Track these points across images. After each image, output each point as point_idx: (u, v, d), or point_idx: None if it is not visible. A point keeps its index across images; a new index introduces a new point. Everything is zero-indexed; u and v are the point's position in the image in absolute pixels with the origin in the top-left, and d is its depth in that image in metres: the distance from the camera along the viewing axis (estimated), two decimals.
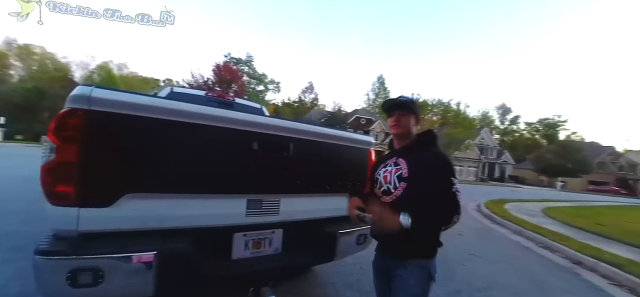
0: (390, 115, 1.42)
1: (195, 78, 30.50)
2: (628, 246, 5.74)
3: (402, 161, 1.34)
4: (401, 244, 1.27)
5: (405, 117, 1.38)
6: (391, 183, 1.33)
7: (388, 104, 1.43)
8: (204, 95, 4.17)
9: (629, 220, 9.99)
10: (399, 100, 1.41)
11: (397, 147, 1.44)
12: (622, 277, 3.96)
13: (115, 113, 1.29)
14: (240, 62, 43.97)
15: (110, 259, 1.23)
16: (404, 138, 1.41)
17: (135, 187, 1.37)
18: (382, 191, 1.38)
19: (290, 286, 2.69)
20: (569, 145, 45.23)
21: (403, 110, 1.38)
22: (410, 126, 1.38)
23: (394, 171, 1.34)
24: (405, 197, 1.27)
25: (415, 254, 1.29)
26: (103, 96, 1.27)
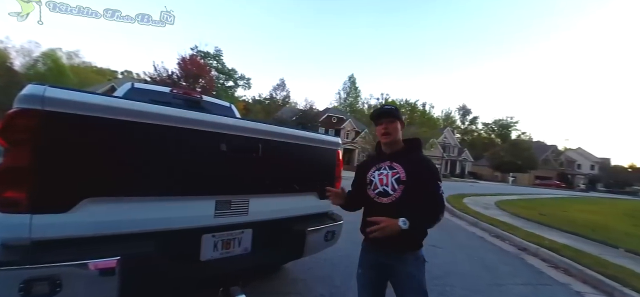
0: (378, 123, 1.53)
1: (158, 71, 28.50)
2: (564, 233, 6.53)
3: (398, 166, 1.46)
4: (400, 242, 1.40)
5: (393, 125, 1.51)
6: (388, 185, 1.45)
7: (376, 113, 1.55)
8: (169, 92, 3.98)
9: (565, 210, 11.35)
10: (385, 110, 1.54)
11: (386, 151, 1.55)
12: (557, 260, 4.51)
13: (72, 114, 1.23)
14: (208, 56, 41.98)
15: (68, 266, 1.17)
16: (393, 143, 1.53)
17: (95, 191, 1.31)
18: (378, 193, 1.48)
19: (260, 284, 2.71)
20: (519, 144, 49.76)
21: (390, 118, 1.51)
22: (397, 132, 1.52)
23: (391, 174, 1.46)
24: (403, 199, 1.41)
25: (411, 248, 1.46)
26: (58, 96, 1.20)
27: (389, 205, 1.42)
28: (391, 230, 1.32)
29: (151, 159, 1.47)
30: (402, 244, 1.42)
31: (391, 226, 1.32)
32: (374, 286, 1.53)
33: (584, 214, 10.63)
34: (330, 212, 2.42)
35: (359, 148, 40.88)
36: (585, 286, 3.74)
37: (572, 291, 3.59)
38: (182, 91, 4.19)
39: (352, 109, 59.87)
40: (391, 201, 1.43)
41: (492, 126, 69.98)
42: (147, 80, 28.09)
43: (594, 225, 7.97)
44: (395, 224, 1.31)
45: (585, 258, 4.46)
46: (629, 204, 18.72)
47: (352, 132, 43.04)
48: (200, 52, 40.47)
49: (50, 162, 1.21)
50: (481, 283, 3.51)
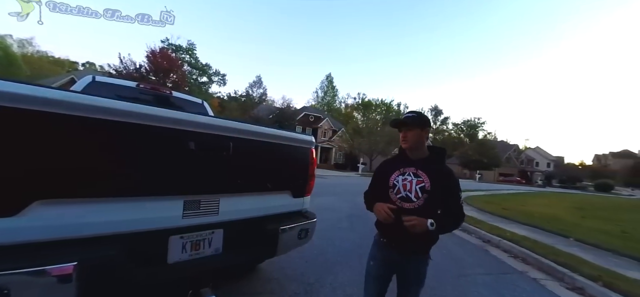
0: (399, 131, 1.63)
1: (124, 64, 26.72)
2: (523, 225, 7.05)
3: (423, 174, 1.52)
4: (418, 244, 1.55)
5: (411, 132, 1.58)
6: (412, 192, 1.51)
7: (394, 123, 1.65)
8: (136, 87, 3.76)
9: (524, 204, 12.24)
10: (403, 119, 1.61)
11: (411, 157, 1.61)
12: (517, 250, 4.87)
13: (20, 109, 1.12)
14: (180, 50, 40.05)
15: (17, 274, 1.07)
16: (415, 150, 1.60)
17: (48, 192, 1.21)
18: (401, 198, 1.53)
19: (233, 285, 2.66)
20: (485, 143, 52.93)
21: (408, 126, 1.58)
22: (417, 139, 1.58)
23: (416, 182, 1.52)
24: (425, 207, 1.48)
25: (425, 251, 1.61)
26: (4, 89, 1.09)
27: (411, 210, 1.49)
28: (420, 228, 1.41)
29: (112, 158, 1.38)
30: (419, 246, 1.56)
31: (421, 225, 1.41)
32: (383, 279, 1.66)
33: (540, 207, 11.54)
34: (303, 210, 2.43)
35: (335, 147, 41.24)
36: (541, 273, 4.08)
37: (529, 278, 3.89)
38: (150, 86, 3.97)
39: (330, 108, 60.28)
40: (414, 207, 1.49)
41: (461, 126, 73.67)
42: (111, 73, 26.19)
43: (549, 217, 8.69)
44: (424, 224, 1.41)
45: (541, 248, 4.86)
46: (579, 198, 20.65)
47: (329, 131, 43.32)
48: (171, 45, 38.54)
49: None
50: (448, 274, 3.70)
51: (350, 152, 39.25)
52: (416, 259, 1.59)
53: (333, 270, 3.38)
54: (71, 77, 27.41)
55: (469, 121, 72.10)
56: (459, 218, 1.54)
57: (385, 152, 33.19)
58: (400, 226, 1.45)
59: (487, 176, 48.99)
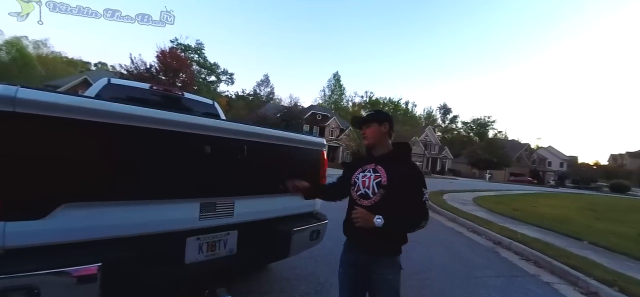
0: (360, 129, 1.62)
1: (135, 64, 27.23)
2: (534, 227, 6.93)
3: (381, 169, 1.48)
4: (378, 243, 1.45)
5: (370, 128, 1.56)
6: (369, 188, 1.47)
7: (354, 122, 1.66)
8: (149, 89, 3.85)
9: (536, 205, 12.02)
10: (362, 117, 1.62)
11: (374, 154, 1.58)
12: (528, 253, 4.79)
13: (46, 116, 1.18)
14: (189, 49, 40.66)
15: (47, 275, 1.13)
16: (377, 146, 1.57)
17: (74, 196, 1.27)
18: (360, 195, 1.50)
19: (244, 284, 2.71)
20: (494, 143, 52.06)
21: (366, 123, 1.58)
22: (376, 134, 1.55)
23: (373, 177, 1.48)
24: (382, 203, 1.43)
25: (389, 251, 1.49)
26: (31, 97, 1.15)
27: (368, 207, 1.45)
28: (365, 221, 1.38)
29: (133, 162, 1.43)
30: (380, 245, 1.46)
31: (366, 220, 1.38)
32: (353, 284, 1.56)
33: (552, 208, 11.32)
34: (315, 211, 2.46)
35: (343, 146, 41.18)
36: (553, 277, 4.02)
37: (541, 282, 3.84)
38: (162, 88, 4.05)
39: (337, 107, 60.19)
40: (370, 204, 1.45)
41: (470, 125, 72.72)
42: (123, 73, 26.76)
43: (561, 219, 8.52)
44: (370, 219, 1.37)
45: (553, 250, 4.78)
46: (593, 199, 20.15)
47: (336, 130, 43.26)
48: (180, 45, 39.13)
49: (23, 167, 1.16)
50: (458, 276, 3.68)
51: (357, 151, 39.11)
52: (382, 262, 1.47)
53: None
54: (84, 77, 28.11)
55: (478, 120, 71.13)
56: (419, 216, 1.42)
57: None
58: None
59: (498, 176, 48.22)
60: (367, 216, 1.38)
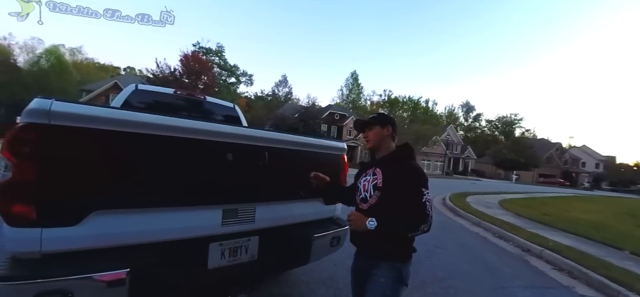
0: (362, 133, 1.62)
1: (160, 68, 28.54)
2: (567, 234, 6.50)
3: (378, 171, 1.46)
4: (376, 247, 1.41)
5: (371, 132, 1.56)
6: (368, 192, 1.46)
7: (356, 126, 1.66)
8: (173, 93, 3.99)
9: (568, 209, 11.28)
10: (363, 120, 1.62)
11: (377, 157, 1.57)
12: (561, 262, 4.50)
13: (79, 127, 1.23)
14: (210, 52, 42.03)
15: (79, 279, 1.18)
16: (379, 149, 1.56)
17: (105, 203, 1.32)
18: (361, 199, 1.51)
19: (263, 288, 2.73)
20: (522, 142, 49.49)
21: (368, 125, 1.58)
22: (378, 138, 1.54)
23: (371, 180, 1.46)
24: (378, 205, 1.40)
25: (389, 257, 1.40)
26: (64, 110, 1.21)
27: (365, 211, 1.44)
28: (357, 224, 1.37)
29: (159, 170, 1.47)
30: (377, 249, 1.42)
31: (358, 223, 1.37)
32: (357, 290, 1.55)
33: (587, 213, 10.56)
34: (335, 217, 2.43)
35: (361, 145, 40.84)
36: (590, 289, 3.74)
37: (576, 294, 3.58)
38: (186, 93, 4.19)
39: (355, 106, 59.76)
40: (368, 207, 1.44)
41: (495, 123, 69.66)
42: (149, 77, 28.12)
43: (597, 225, 7.94)
44: (363, 222, 1.34)
45: (590, 260, 4.45)
46: (634, 203, 18.58)
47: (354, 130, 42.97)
48: (202, 48, 40.59)
49: (58, 176, 1.22)
50: (484, 286, 3.51)
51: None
52: (379, 267, 1.39)
53: None
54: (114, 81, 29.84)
55: (504, 118, 67.94)
56: (416, 218, 1.31)
57: None
58: None
59: (525, 177, 45.89)
60: (360, 219, 1.37)
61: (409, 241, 1.43)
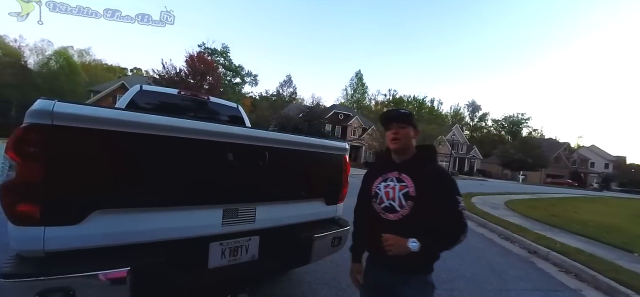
0: (388, 127, 1.38)
1: (166, 69, 28.83)
2: (575, 235, 6.38)
3: (407, 178, 1.31)
4: (408, 263, 1.26)
5: (404, 130, 1.35)
6: (395, 200, 1.30)
7: (386, 116, 1.40)
8: (177, 94, 4.02)
9: (577, 210, 11.05)
10: (397, 113, 1.38)
11: (395, 160, 1.40)
12: (569, 265, 4.41)
13: (81, 128, 1.25)
14: (215, 53, 42.28)
15: (81, 277, 1.20)
16: (403, 152, 1.38)
17: (106, 203, 1.34)
18: (384, 208, 1.33)
19: (265, 287, 2.73)
20: (529, 142, 48.77)
21: (401, 122, 1.36)
22: (408, 139, 1.36)
23: (399, 188, 1.30)
24: (411, 216, 1.26)
25: (421, 271, 1.31)
26: (67, 110, 1.22)
27: (396, 222, 1.28)
28: (398, 250, 1.20)
29: (160, 170, 1.49)
30: (410, 266, 1.28)
31: (399, 246, 1.20)
32: None
33: (596, 215, 10.35)
34: (336, 217, 2.42)
35: (365, 145, 40.72)
36: (598, 293, 3.66)
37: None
38: (190, 93, 4.22)
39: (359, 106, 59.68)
40: (398, 218, 1.28)
41: (502, 123, 68.82)
42: (155, 77, 28.42)
43: (607, 227, 7.76)
44: (404, 245, 1.19)
45: (598, 263, 4.36)
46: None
47: (359, 129, 42.88)
48: (207, 49, 40.84)
49: (61, 176, 1.24)
50: (489, 288, 3.46)
51: (380, 151, 38.52)
52: (410, 284, 1.29)
53: None
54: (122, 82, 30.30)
55: (511, 117, 67.06)
56: (458, 229, 1.23)
57: None
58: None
59: (533, 178, 45.20)
60: (400, 243, 1.20)
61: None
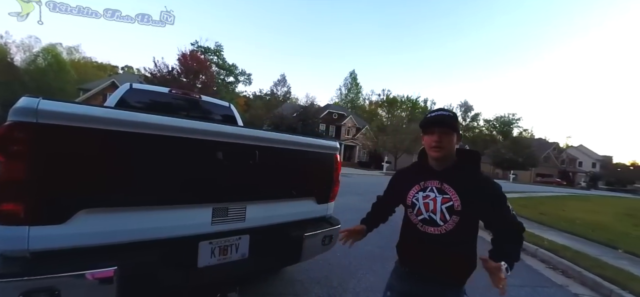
0: (428, 132, 1.25)
1: (158, 67, 28.37)
2: (563, 233, 6.53)
3: (450, 189, 1.21)
4: (449, 275, 1.23)
5: (448, 137, 1.22)
6: (437, 214, 1.21)
7: (428, 120, 1.25)
8: (168, 93, 3.98)
9: (564, 209, 11.32)
10: (441, 117, 1.23)
11: (434, 167, 1.28)
12: (556, 261, 4.52)
13: (66, 126, 1.23)
14: (208, 51, 41.86)
15: (66, 277, 1.19)
16: (444, 159, 1.26)
17: (92, 202, 1.32)
18: (422, 220, 1.25)
19: (257, 286, 2.73)
20: (519, 142, 49.61)
21: (445, 128, 1.21)
22: (452, 147, 1.24)
23: (441, 200, 1.21)
24: (456, 231, 1.18)
25: (458, 283, 1.27)
26: (52, 108, 1.20)
27: (437, 236, 1.21)
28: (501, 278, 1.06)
29: (147, 169, 1.47)
30: (451, 277, 1.24)
31: (499, 273, 1.05)
32: None
33: (583, 213, 10.61)
34: (327, 216, 2.43)
35: (359, 145, 40.87)
36: (584, 288, 3.76)
37: (570, 293, 3.60)
38: (181, 92, 4.19)
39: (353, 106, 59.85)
40: (440, 233, 1.20)
41: (493, 123, 69.79)
42: (147, 76, 27.95)
43: (593, 224, 7.97)
44: (499, 271, 1.06)
45: (584, 259, 4.47)
46: (630, 203, 18.68)
47: (353, 129, 43.01)
48: (200, 47, 40.41)
49: (46, 175, 1.22)
50: (478, 284, 3.46)
51: (374, 150, 38.73)
52: (445, 295, 1.26)
53: (356, 274, 3.36)
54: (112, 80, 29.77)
55: (502, 117, 68.12)
56: (521, 234, 1.19)
57: (411, 150, 32.32)
58: (425, 252, 1.24)
59: (523, 177, 46.03)
60: (502, 275, 1.05)
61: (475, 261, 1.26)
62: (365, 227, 1.51)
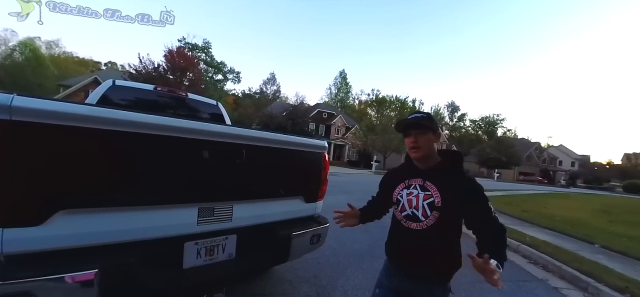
0: (407, 135, 1.32)
1: (144, 64, 27.53)
2: (544, 229, 6.77)
3: (431, 187, 1.27)
4: (434, 271, 1.28)
5: (424, 137, 1.28)
6: (419, 210, 1.27)
7: (403, 124, 1.33)
8: (153, 90, 3.88)
9: (546, 206, 11.74)
10: (414, 120, 1.30)
11: (419, 166, 1.35)
12: (537, 256, 4.68)
13: (42, 123, 1.17)
14: (196, 48, 40.99)
15: (43, 281, 1.14)
16: (426, 159, 1.32)
17: (70, 202, 1.27)
18: (406, 216, 1.31)
19: (245, 286, 2.71)
20: (504, 141, 51.14)
21: (420, 129, 1.29)
22: (430, 144, 1.30)
23: (423, 196, 1.27)
24: (436, 226, 1.24)
25: (444, 280, 1.32)
26: (27, 105, 1.14)
27: (419, 231, 1.27)
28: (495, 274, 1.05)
29: (130, 168, 1.43)
30: (436, 274, 1.29)
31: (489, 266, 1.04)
32: None
33: (563, 210, 11.03)
34: (315, 215, 2.43)
35: (349, 144, 41.06)
36: (563, 282, 3.91)
37: (549, 287, 3.74)
38: (167, 89, 4.08)
39: (343, 105, 60.04)
40: (421, 228, 1.26)
41: (479, 123, 71.64)
42: (132, 72, 27.08)
43: (572, 221, 8.30)
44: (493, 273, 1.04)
45: (563, 254, 4.65)
46: (606, 200, 19.55)
47: (342, 128, 43.16)
48: (188, 44, 39.53)
49: (21, 174, 1.16)
50: (463, 280, 3.59)
51: (363, 150, 39.01)
52: (432, 291, 1.30)
53: (345, 272, 3.38)
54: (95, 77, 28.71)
55: (487, 118, 70.01)
56: (503, 233, 1.20)
57: (400, 150, 32.73)
58: (408, 247, 1.30)
59: (507, 175, 47.39)
60: (492, 267, 1.03)
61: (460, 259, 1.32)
62: (360, 212, 1.57)
